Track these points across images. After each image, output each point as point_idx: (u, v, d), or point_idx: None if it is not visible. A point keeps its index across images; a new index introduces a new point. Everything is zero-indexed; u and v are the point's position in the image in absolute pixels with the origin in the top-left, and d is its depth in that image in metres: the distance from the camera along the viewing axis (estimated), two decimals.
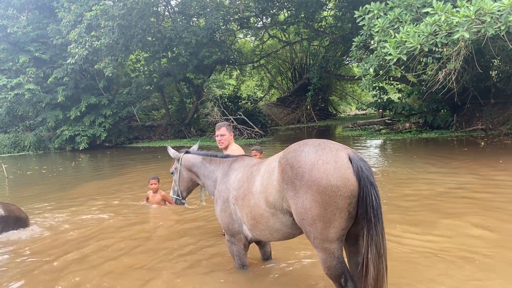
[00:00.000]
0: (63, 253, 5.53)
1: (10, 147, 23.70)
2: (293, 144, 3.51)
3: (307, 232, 3.32)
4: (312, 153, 3.26)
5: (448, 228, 5.40)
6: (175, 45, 20.85)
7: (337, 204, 3.11)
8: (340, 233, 3.25)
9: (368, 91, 16.72)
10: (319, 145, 3.32)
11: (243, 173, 4.08)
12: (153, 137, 24.93)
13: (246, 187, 3.89)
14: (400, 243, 4.98)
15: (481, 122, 15.88)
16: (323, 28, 24.80)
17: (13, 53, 21.29)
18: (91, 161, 17.63)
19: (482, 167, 9.08)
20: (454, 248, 4.75)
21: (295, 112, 29.70)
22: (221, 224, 4.35)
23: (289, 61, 33.04)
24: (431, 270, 4.22)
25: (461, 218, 5.73)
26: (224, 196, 4.22)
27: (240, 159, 4.44)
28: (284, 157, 3.41)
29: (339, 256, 3.30)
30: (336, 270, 3.31)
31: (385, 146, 15.30)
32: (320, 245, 3.29)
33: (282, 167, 3.38)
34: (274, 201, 3.53)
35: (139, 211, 7.58)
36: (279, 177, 3.40)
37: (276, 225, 3.69)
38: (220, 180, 4.39)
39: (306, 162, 3.22)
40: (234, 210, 4.09)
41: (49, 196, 9.67)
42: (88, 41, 18.13)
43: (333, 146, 3.30)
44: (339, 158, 3.17)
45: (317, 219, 3.18)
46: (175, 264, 4.88)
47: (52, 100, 21.70)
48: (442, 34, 8.22)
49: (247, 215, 3.90)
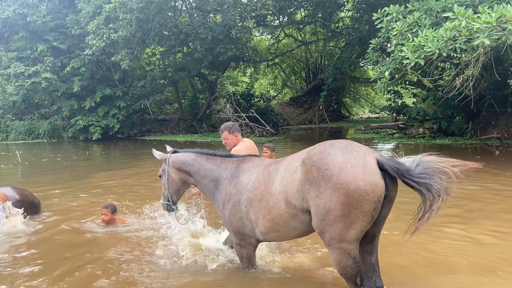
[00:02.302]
0: (72, 240, 5.62)
1: (25, 134, 24.10)
2: (318, 145, 3.48)
3: (324, 232, 3.32)
4: (339, 155, 3.24)
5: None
6: (191, 40, 20.94)
7: (363, 208, 3.13)
8: (359, 235, 3.29)
9: (382, 95, 16.63)
10: (345, 147, 3.29)
11: (258, 174, 3.96)
12: (165, 130, 25.09)
13: (264, 188, 3.79)
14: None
15: (497, 131, 15.63)
16: (340, 29, 24.64)
17: (32, 41, 21.59)
18: (105, 151, 17.83)
19: (492, 176, 8.95)
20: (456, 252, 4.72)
21: (308, 112, 29.59)
22: (230, 228, 4.21)
23: (303, 61, 32.92)
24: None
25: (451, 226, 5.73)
26: (235, 199, 4.07)
27: (248, 159, 4.29)
28: (309, 158, 3.36)
29: (355, 256, 3.32)
30: (352, 269, 3.34)
31: (397, 150, 15.17)
32: (336, 245, 3.31)
33: (306, 168, 3.34)
34: (295, 201, 3.50)
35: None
36: (303, 177, 3.37)
37: (294, 224, 3.67)
38: (228, 182, 4.21)
39: (334, 165, 3.20)
40: (246, 212, 3.98)
41: (64, 183, 9.83)
42: (105, 33, 18.32)
43: (360, 149, 3.28)
44: (368, 163, 3.18)
45: (339, 221, 3.20)
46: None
47: (68, 90, 21.98)
48: (461, 39, 8.12)
49: (264, 217, 3.81)
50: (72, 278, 4.45)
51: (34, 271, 4.67)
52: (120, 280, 4.36)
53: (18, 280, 4.41)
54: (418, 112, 18.03)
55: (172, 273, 4.50)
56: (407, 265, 4.49)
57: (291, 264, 4.60)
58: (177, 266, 4.66)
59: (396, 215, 5.95)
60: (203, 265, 4.62)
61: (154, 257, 4.94)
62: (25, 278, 4.47)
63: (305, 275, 4.36)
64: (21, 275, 4.54)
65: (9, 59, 21.76)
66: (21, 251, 5.30)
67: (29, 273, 4.61)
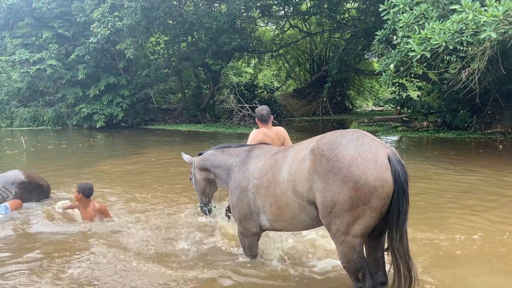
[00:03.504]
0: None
1: (30, 121, 24.23)
2: (328, 134, 3.41)
3: (331, 224, 3.28)
4: (351, 148, 3.16)
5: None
6: (196, 29, 20.86)
7: (371, 203, 3.08)
8: (366, 230, 3.24)
9: (387, 87, 16.55)
10: (357, 139, 3.21)
11: (265, 161, 3.95)
12: (168, 120, 25.13)
13: (271, 175, 3.77)
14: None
15: (501, 125, 15.59)
16: (346, 20, 24.47)
17: (37, 28, 21.57)
18: (109, 139, 17.94)
19: (493, 170, 8.99)
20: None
21: (311, 104, 29.49)
22: (237, 215, 4.22)
23: (308, 52, 32.72)
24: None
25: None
26: (243, 186, 4.08)
27: (257, 147, 4.31)
28: (319, 148, 3.29)
29: (360, 251, 3.30)
30: (356, 264, 3.30)
31: (400, 143, 15.19)
32: (342, 238, 3.27)
33: (315, 157, 3.28)
34: (302, 190, 3.45)
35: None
36: (311, 166, 3.31)
37: (302, 216, 3.62)
38: (238, 169, 4.24)
39: (344, 157, 3.13)
40: (254, 199, 3.98)
41: (71, 170, 9.92)
42: (110, 21, 18.28)
43: (372, 143, 3.20)
44: (379, 158, 3.10)
45: (346, 214, 3.15)
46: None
47: (72, 77, 22.01)
48: (468, 32, 8.08)
49: (271, 205, 3.79)
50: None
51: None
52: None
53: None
54: (422, 106, 17.98)
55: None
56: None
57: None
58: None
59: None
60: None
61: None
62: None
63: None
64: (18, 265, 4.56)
65: (14, 46, 21.75)
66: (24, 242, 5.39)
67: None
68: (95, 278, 4.11)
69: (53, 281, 4.08)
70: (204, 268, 4.30)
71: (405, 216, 3.13)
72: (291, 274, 4.14)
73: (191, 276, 4.11)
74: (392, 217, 3.15)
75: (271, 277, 4.10)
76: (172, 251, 4.77)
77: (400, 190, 3.08)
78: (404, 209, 3.11)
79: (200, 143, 15.70)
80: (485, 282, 3.98)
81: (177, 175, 8.91)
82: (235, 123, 21.56)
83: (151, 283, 3.98)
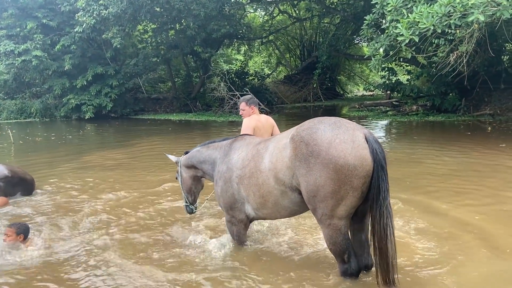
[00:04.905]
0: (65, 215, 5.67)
1: (17, 113, 23.86)
2: (306, 122, 3.50)
3: (316, 208, 3.36)
4: (328, 131, 3.25)
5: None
6: (184, 17, 20.55)
7: (352, 183, 3.16)
8: (350, 211, 3.33)
9: (376, 72, 16.55)
10: (334, 123, 3.31)
11: (247, 151, 4.02)
12: (158, 109, 24.94)
13: (253, 165, 3.84)
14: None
15: (490, 107, 15.74)
16: (335, 5, 24.29)
17: (21, 18, 21.10)
18: (98, 130, 17.78)
19: (480, 151, 9.11)
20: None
21: (302, 90, 29.46)
22: (222, 205, 4.32)
23: (298, 38, 32.55)
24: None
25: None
26: (226, 176, 4.16)
27: (240, 138, 4.38)
28: (298, 134, 3.38)
29: (345, 232, 3.39)
30: (341, 246, 3.40)
31: (391, 127, 15.27)
32: (327, 221, 3.35)
33: (295, 144, 3.36)
34: (284, 178, 3.53)
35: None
36: (292, 154, 3.38)
37: (284, 203, 3.70)
38: (221, 161, 4.32)
39: (322, 140, 3.21)
40: (238, 189, 4.05)
41: (61, 163, 9.82)
42: (96, 10, 17.93)
43: (349, 125, 3.30)
44: (356, 138, 3.19)
45: (329, 197, 3.23)
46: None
47: (59, 68, 21.64)
48: (456, 15, 8.08)
49: (254, 194, 3.87)
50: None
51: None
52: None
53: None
54: (412, 89, 18.06)
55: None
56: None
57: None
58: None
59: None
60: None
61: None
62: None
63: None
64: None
65: None
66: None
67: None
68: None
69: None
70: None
71: (385, 194, 3.21)
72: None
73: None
74: (373, 196, 3.23)
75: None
76: (155, 241, 4.77)
77: (379, 167, 3.17)
78: (384, 186, 3.19)
79: (191, 132, 15.64)
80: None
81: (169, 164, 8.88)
82: (227, 111, 21.46)
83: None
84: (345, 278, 3.54)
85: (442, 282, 3.62)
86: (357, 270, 3.52)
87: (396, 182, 6.31)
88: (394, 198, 5.42)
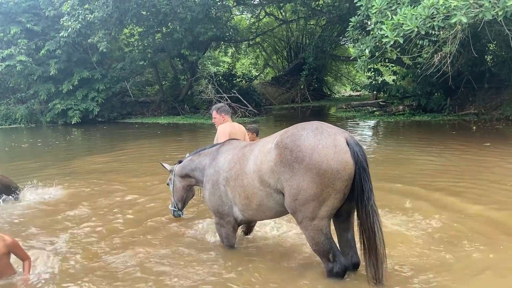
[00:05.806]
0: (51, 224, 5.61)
1: (2, 119, 23.42)
2: (290, 128, 3.60)
3: (297, 211, 3.45)
4: (311, 137, 3.36)
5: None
6: (170, 20, 20.49)
7: (335, 186, 3.27)
8: (331, 212, 3.43)
9: (363, 73, 16.75)
10: (316, 129, 3.42)
11: (233, 154, 4.15)
12: (146, 113, 24.76)
13: (239, 167, 3.96)
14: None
15: (474, 107, 16.01)
16: (321, 7, 24.47)
17: (4, 23, 20.80)
18: (85, 135, 17.59)
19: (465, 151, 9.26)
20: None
21: (290, 91, 29.58)
22: (210, 207, 4.43)
23: (285, 40, 32.69)
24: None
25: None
26: (213, 179, 4.28)
27: (227, 143, 4.54)
28: (282, 141, 3.49)
29: (327, 232, 3.46)
30: (324, 246, 3.47)
31: (378, 128, 15.44)
32: (308, 223, 3.44)
33: (280, 150, 3.46)
34: (269, 180, 3.62)
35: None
36: (277, 159, 3.48)
37: (269, 204, 3.79)
38: (209, 165, 4.46)
39: (306, 147, 3.32)
40: (225, 191, 4.16)
41: (49, 169, 9.69)
42: (81, 14, 17.76)
43: (331, 130, 3.41)
44: (338, 142, 3.30)
45: (311, 200, 3.33)
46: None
47: (44, 73, 21.34)
48: (439, 17, 8.20)
49: (239, 195, 3.97)
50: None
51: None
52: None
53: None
54: (398, 90, 18.28)
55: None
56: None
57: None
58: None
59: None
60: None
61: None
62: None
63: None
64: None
65: None
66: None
67: None
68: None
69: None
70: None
71: (369, 194, 3.32)
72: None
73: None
74: (357, 196, 3.34)
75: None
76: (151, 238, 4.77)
77: (361, 169, 3.29)
78: (367, 187, 3.31)
79: (179, 136, 15.59)
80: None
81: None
82: None
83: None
84: (330, 277, 3.55)
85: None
86: (343, 269, 3.56)
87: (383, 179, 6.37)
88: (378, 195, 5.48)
